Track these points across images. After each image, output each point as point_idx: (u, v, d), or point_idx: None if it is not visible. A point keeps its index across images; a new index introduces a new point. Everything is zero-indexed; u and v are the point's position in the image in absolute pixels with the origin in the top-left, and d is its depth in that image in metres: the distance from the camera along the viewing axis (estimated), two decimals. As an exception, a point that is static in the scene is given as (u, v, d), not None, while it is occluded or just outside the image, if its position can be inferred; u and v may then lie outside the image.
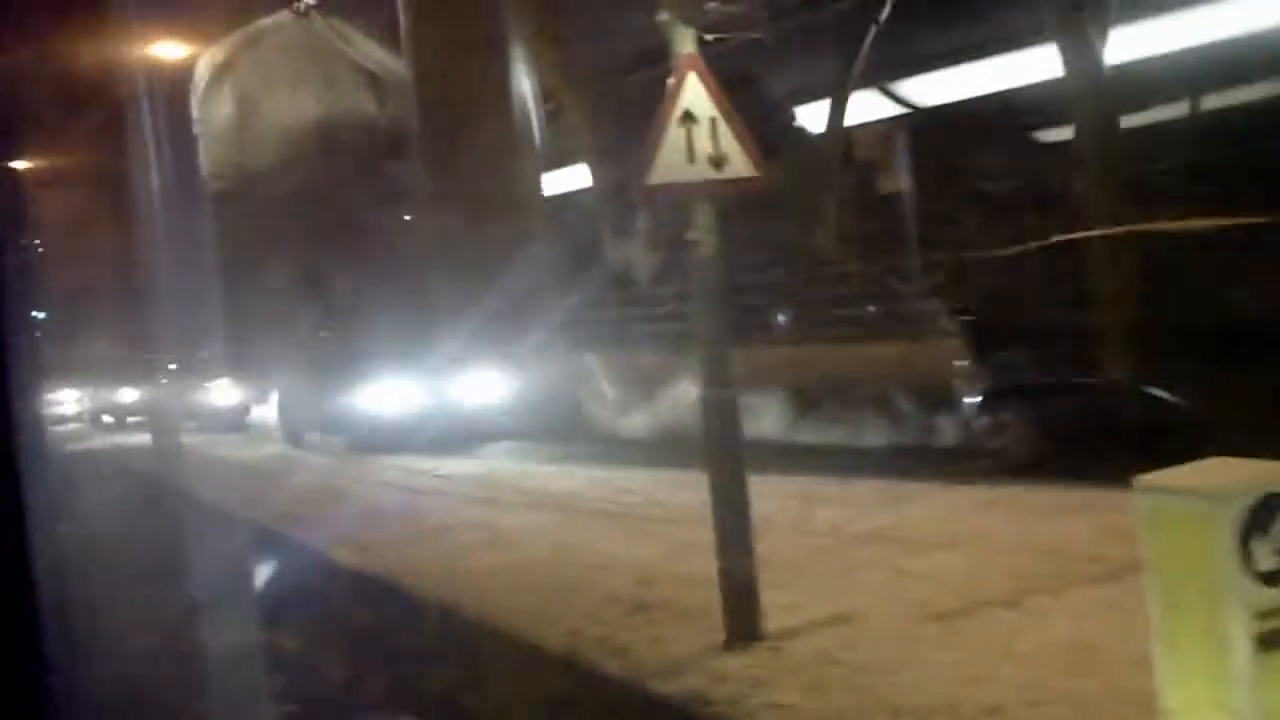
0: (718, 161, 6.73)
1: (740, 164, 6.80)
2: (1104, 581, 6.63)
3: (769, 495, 8.44)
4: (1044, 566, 6.99)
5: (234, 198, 26.15)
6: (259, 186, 26.17)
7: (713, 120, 6.75)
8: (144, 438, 23.06)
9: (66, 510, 9.66)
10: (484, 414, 17.17)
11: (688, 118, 7.07)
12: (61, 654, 2.90)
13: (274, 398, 23.52)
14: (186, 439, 21.30)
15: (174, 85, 27.80)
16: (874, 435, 17.29)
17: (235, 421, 24.89)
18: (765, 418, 18.16)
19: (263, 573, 8.86)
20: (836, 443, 17.26)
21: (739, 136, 6.76)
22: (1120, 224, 21.08)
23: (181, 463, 16.68)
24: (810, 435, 18.42)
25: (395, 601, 7.62)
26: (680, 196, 6.69)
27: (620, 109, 26.50)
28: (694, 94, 6.73)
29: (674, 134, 6.70)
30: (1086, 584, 6.72)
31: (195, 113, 27.73)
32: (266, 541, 10.18)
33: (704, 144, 6.69)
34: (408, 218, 26.10)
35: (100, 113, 28.42)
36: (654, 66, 26.03)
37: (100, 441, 25.02)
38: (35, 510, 2.83)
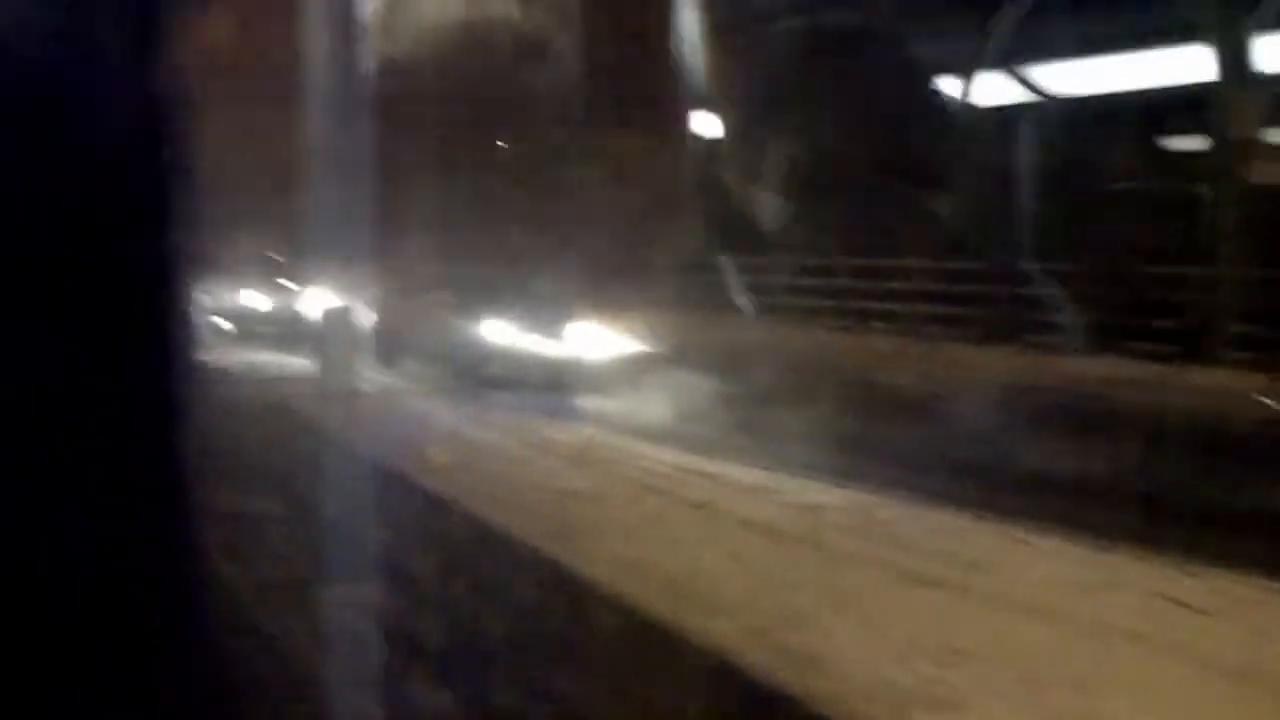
0: None
1: None
2: None
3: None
4: None
5: (384, 91, 23.31)
6: (401, 81, 23.40)
7: None
8: (284, 359, 16.29)
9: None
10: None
11: None
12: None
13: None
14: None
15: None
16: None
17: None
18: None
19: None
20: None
21: None
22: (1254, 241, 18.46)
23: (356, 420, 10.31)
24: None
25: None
26: None
27: (758, 56, 23.87)
28: None
29: None
30: None
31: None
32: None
33: None
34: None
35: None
36: (793, 16, 23.48)
37: (230, 356, 17.03)
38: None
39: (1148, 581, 5.41)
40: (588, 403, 12.18)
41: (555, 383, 12.69)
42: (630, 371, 12.82)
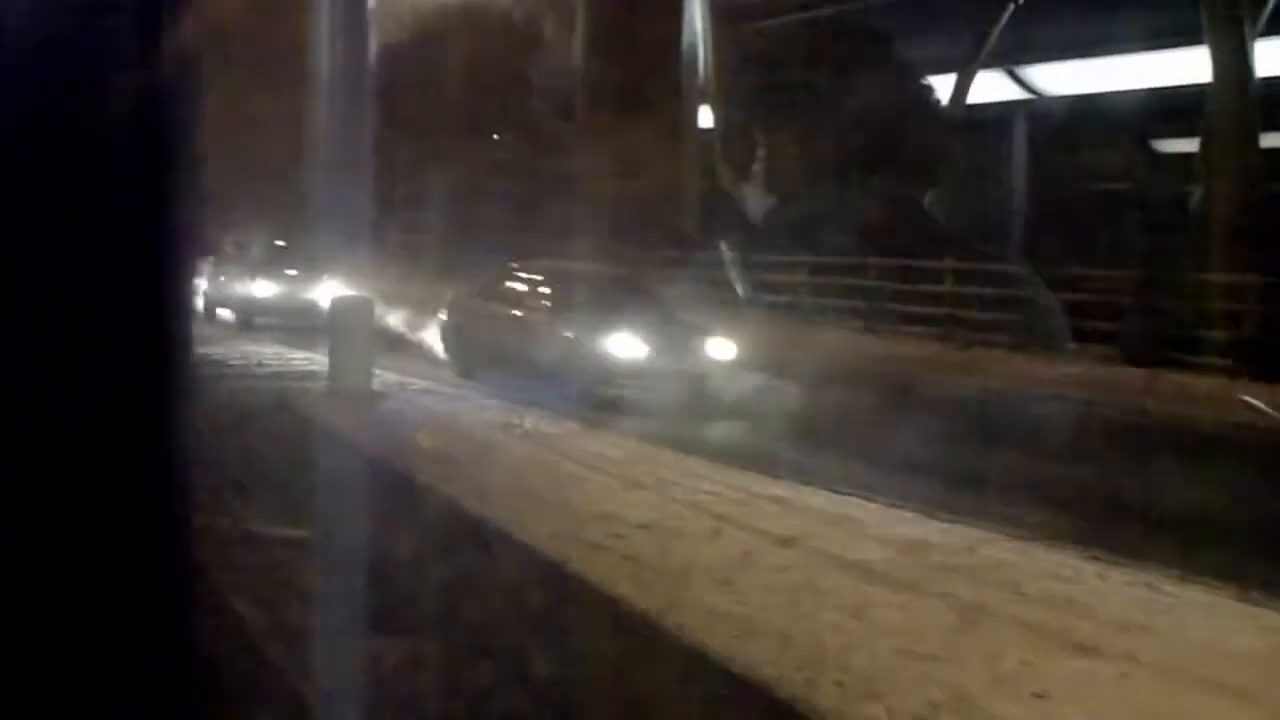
0: None
1: None
2: None
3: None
4: None
5: (385, 81, 22.13)
6: (391, 66, 22.24)
7: None
8: (291, 352, 14.28)
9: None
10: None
11: None
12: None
13: None
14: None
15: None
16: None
17: None
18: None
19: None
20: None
21: None
22: (1246, 241, 17.78)
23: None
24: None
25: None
26: None
27: (743, 53, 23.05)
28: None
29: None
30: None
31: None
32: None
33: None
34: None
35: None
36: (792, 12, 22.69)
37: (226, 347, 14.71)
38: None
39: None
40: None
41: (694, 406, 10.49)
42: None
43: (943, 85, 22.81)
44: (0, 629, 1.96)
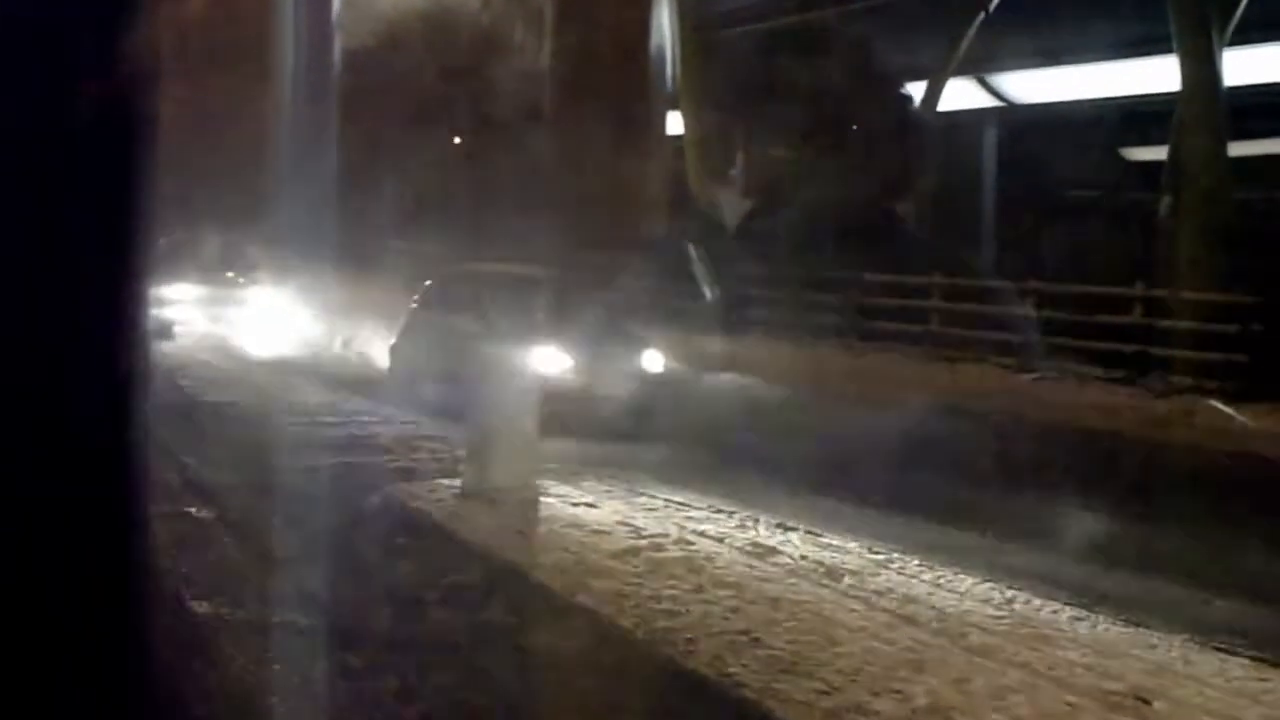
0: None
1: None
2: None
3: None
4: None
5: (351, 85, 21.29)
6: (354, 73, 21.39)
7: None
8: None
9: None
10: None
11: None
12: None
13: None
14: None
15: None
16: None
17: None
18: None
19: None
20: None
21: None
22: (1212, 250, 17.00)
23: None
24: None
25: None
26: None
27: (715, 58, 22.23)
28: None
29: None
30: None
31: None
32: None
33: None
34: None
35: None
36: (765, 19, 21.96)
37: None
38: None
39: None
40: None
41: None
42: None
43: (917, 93, 21.98)
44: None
